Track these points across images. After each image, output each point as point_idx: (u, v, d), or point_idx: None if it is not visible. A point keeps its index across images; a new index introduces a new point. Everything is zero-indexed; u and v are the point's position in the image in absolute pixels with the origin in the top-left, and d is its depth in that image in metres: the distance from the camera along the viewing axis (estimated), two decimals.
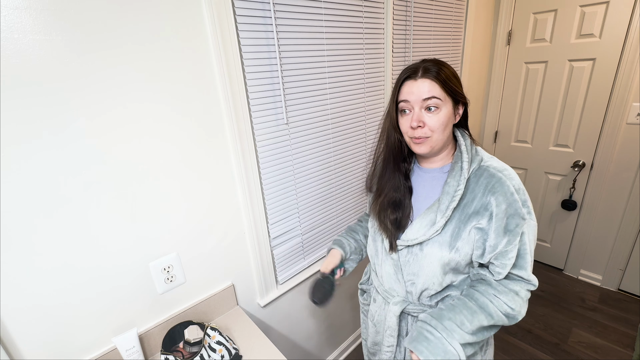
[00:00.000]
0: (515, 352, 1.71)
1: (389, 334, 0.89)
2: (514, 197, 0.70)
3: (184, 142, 0.88)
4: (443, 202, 0.74)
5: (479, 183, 0.72)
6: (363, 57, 1.31)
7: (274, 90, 1.04)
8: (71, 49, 0.67)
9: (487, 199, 0.70)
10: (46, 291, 0.74)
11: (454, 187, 0.73)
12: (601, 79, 1.80)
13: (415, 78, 0.71)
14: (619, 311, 1.90)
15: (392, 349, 0.90)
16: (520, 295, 0.72)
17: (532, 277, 0.73)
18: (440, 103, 0.70)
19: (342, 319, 1.67)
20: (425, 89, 0.70)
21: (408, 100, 0.72)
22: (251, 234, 1.10)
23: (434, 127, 0.71)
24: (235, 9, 0.88)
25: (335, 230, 1.44)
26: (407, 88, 0.72)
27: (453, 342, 0.69)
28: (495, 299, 0.72)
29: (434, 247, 0.75)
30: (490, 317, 0.71)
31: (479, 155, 0.77)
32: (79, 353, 0.82)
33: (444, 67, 0.72)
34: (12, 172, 0.65)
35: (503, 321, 0.73)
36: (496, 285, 0.73)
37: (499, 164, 0.75)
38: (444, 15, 1.64)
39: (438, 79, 0.70)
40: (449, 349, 0.68)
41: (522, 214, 0.70)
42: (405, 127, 0.74)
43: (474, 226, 0.72)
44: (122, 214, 0.81)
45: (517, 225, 0.70)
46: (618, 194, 1.91)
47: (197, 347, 0.89)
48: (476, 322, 0.70)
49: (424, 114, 0.71)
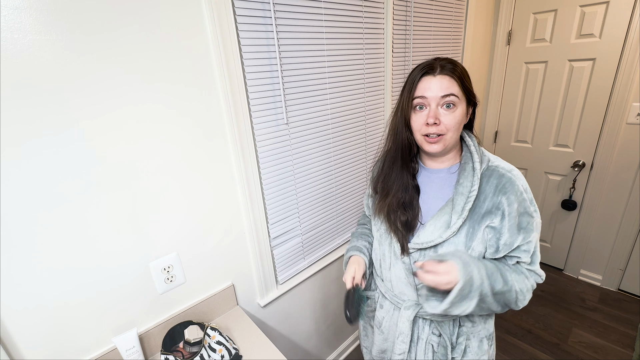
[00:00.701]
0: (515, 352, 1.71)
1: (400, 340, 0.84)
2: (524, 196, 0.71)
3: (184, 142, 0.88)
4: (458, 202, 0.72)
5: (490, 183, 0.72)
6: (363, 57, 1.31)
7: (274, 90, 1.04)
8: (71, 49, 0.67)
9: (498, 199, 0.71)
10: (46, 291, 0.74)
11: (467, 188, 0.72)
12: (601, 79, 1.80)
13: (434, 74, 0.70)
14: (619, 311, 1.90)
15: (404, 355, 0.86)
16: (529, 282, 0.75)
17: (540, 271, 0.77)
18: (457, 101, 0.70)
19: (342, 319, 1.67)
20: (444, 85, 0.69)
21: (425, 97, 0.70)
22: (251, 234, 1.10)
23: (449, 125, 0.70)
24: (235, 9, 0.88)
25: (336, 230, 1.44)
26: (425, 84, 0.70)
27: (479, 282, 0.68)
28: (511, 273, 0.74)
29: (449, 249, 0.74)
30: (505, 283, 0.71)
31: (485, 155, 0.77)
32: (79, 353, 0.82)
33: (459, 65, 0.72)
34: (12, 172, 0.65)
35: (511, 298, 0.73)
36: (512, 266, 0.76)
37: (506, 165, 0.76)
38: (444, 15, 1.64)
39: (456, 75, 0.69)
40: (476, 280, 0.67)
41: (531, 212, 0.72)
42: (419, 124, 0.72)
43: (487, 225, 0.72)
44: (122, 214, 0.81)
45: (529, 223, 0.72)
46: (618, 194, 1.91)
47: (197, 347, 0.89)
48: (495, 280, 0.70)
49: (441, 111, 0.70)
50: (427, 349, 0.84)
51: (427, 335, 0.84)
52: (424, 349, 0.84)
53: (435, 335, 0.83)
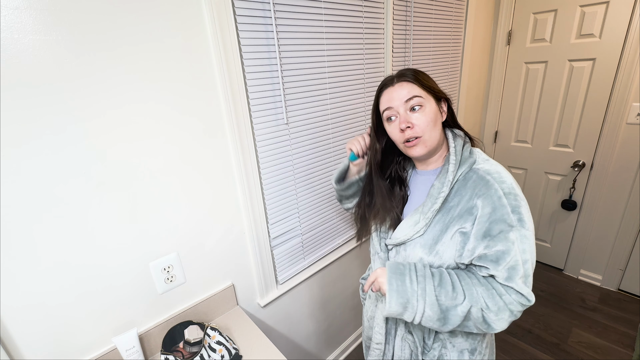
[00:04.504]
0: (515, 352, 1.71)
1: (377, 330, 0.90)
2: (502, 201, 0.66)
3: (184, 142, 0.88)
4: (426, 204, 0.75)
5: (467, 186, 0.71)
6: (363, 57, 1.31)
7: (274, 90, 1.04)
8: (71, 49, 0.67)
9: (473, 202, 0.69)
10: (47, 291, 0.74)
11: (438, 190, 0.74)
12: (601, 79, 1.80)
13: (393, 84, 0.74)
14: (619, 311, 1.90)
15: (381, 347, 0.90)
16: (504, 300, 0.67)
17: (525, 290, 0.67)
18: (422, 101, 0.72)
19: (342, 319, 1.67)
20: (405, 90, 0.72)
21: (391, 107, 0.73)
22: (251, 234, 1.10)
23: (423, 125, 0.71)
24: (235, 9, 0.88)
25: (336, 230, 1.44)
26: (387, 96, 0.74)
27: (420, 303, 0.69)
28: (475, 286, 0.69)
29: (415, 248, 0.76)
30: (454, 290, 0.68)
31: (472, 157, 0.75)
32: (79, 353, 0.82)
33: (416, 70, 0.76)
34: (12, 172, 0.65)
35: (472, 312, 0.67)
36: (481, 279, 0.70)
37: (491, 167, 0.72)
38: (444, 15, 1.64)
39: (414, 79, 0.72)
40: (412, 304, 0.69)
41: (510, 221, 0.66)
42: (395, 133, 0.75)
43: (457, 230, 0.70)
44: (122, 214, 0.81)
45: (501, 232, 0.66)
46: (618, 194, 1.91)
47: (197, 347, 0.89)
48: (442, 283, 0.69)
49: (410, 115, 0.72)
50: (404, 346, 0.88)
51: (402, 333, 0.88)
52: (400, 345, 0.88)
53: (410, 335, 0.86)
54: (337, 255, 1.47)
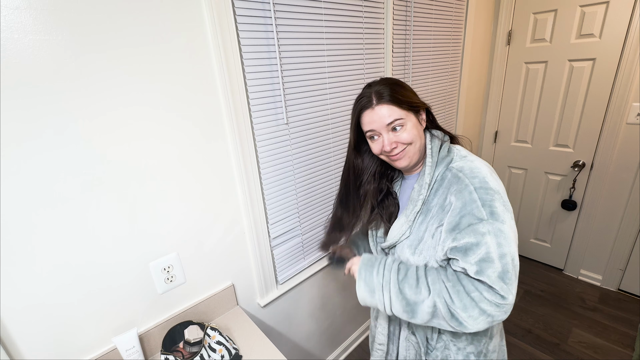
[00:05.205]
0: (515, 352, 1.71)
1: (379, 331, 0.93)
2: (472, 196, 0.67)
3: (184, 142, 0.88)
4: (409, 207, 0.78)
5: (444, 185, 0.74)
6: (363, 57, 1.31)
7: (274, 90, 1.04)
8: (71, 49, 0.67)
9: (448, 200, 0.71)
10: (46, 291, 0.74)
11: (417, 192, 0.77)
12: (601, 79, 1.80)
13: (372, 107, 0.73)
14: (619, 311, 1.90)
15: (384, 347, 0.93)
16: (473, 296, 0.65)
17: (498, 285, 0.63)
18: (403, 121, 0.73)
19: (342, 319, 1.67)
20: (384, 114, 0.72)
21: (373, 129, 0.75)
22: (251, 234, 1.10)
23: (406, 141, 0.74)
24: (235, 9, 0.88)
25: None
26: (368, 118, 0.74)
27: (385, 293, 0.74)
28: (444, 281, 0.69)
29: (403, 250, 0.80)
30: (417, 281, 0.71)
31: (450, 155, 0.76)
32: (79, 353, 0.82)
33: (393, 85, 0.74)
34: (12, 172, 0.65)
35: (443, 311, 0.67)
36: (450, 275, 0.69)
37: (465, 164, 0.73)
38: (444, 15, 1.64)
39: (393, 100, 0.71)
40: (378, 293, 0.75)
41: (480, 214, 0.65)
42: (378, 149, 0.77)
43: (436, 228, 0.73)
44: (122, 214, 0.82)
45: (470, 225, 0.65)
46: (618, 194, 1.91)
47: (197, 347, 0.89)
48: (406, 274, 0.73)
49: (392, 135, 0.73)
50: (408, 347, 0.90)
51: (406, 334, 0.89)
52: (405, 346, 0.90)
53: (414, 336, 0.87)
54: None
